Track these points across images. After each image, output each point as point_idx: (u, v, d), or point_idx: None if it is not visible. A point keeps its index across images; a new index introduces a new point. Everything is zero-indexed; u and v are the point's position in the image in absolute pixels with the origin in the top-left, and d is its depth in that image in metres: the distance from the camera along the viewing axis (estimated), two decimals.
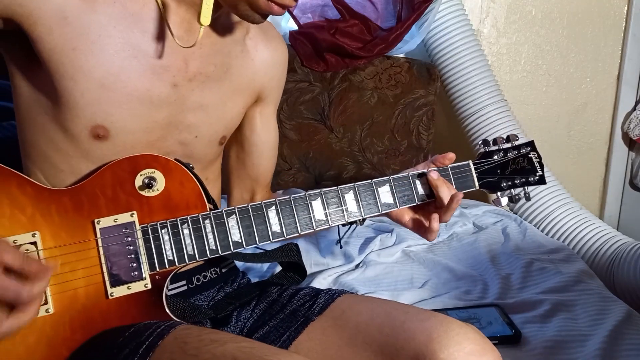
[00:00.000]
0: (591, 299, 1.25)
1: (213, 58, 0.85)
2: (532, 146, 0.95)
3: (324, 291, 0.88)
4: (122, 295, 0.75)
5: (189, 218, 0.78)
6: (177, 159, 0.80)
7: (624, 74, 2.20)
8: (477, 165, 0.92)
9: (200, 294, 0.91)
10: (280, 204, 0.82)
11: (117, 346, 0.70)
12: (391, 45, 1.86)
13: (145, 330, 0.70)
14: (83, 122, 0.77)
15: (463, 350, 0.71)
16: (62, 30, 0.74)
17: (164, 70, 0.80)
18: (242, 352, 0.63)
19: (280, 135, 1.87)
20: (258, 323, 0.88)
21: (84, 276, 0.74)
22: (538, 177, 0.95)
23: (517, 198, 0.94)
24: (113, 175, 0.77)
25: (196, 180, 0.80)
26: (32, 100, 0.79)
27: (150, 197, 0.77)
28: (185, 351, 0.65)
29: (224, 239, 0.79)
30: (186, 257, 0.77)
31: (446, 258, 1.49)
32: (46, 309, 0.72)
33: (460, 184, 0.91)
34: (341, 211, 0.85)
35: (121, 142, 0.79)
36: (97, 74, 0.76)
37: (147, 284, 0.76)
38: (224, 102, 0.88)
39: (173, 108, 0.82)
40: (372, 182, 0.87)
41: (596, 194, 2.36)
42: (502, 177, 0.93)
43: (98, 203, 0.76)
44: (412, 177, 0.89)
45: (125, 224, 0.76)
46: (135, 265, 0.75)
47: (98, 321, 0.74)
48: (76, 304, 0.74)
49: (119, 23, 0.76)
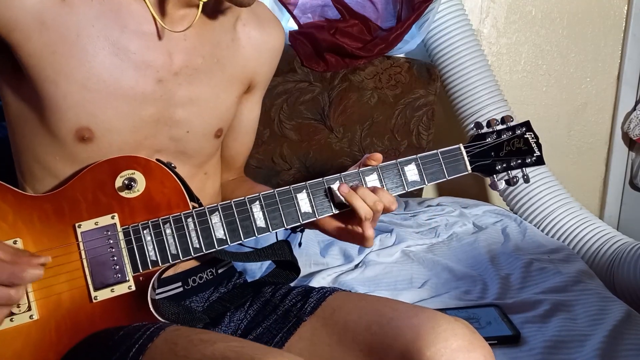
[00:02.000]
0: (591, 299, 1.24)
1: (200, 50, 0.83)
2: (527, 126, 0.90)
3: (316, 290, 0.87)
4: (106, 299, 0.74)
5: (170, 217, 0.77)
6: (158, 159, 0.79)
7: (624, 74, 2.20)
8: (468, 149, 0.88)
9: (196, 295, 0.90)
10: (264, 199, 0.80)
11: (107, 349, 0.69)
12: (391, 45, 1.86)
13: (134, 333, 0.70)
14: (67, 125, 0.76)
15: (450, 347, 0.69)
16: (41, 35, 0.73)
17: (147, 66, 0.78)
18: (232, 352, 0.62)
19: (280, 135, 1.87)
20: (252, 324, 0.87)
21: (67, 280, 0.73)
22: (536, 158, 0.89)
23: (515, 180, 0.89)
24: (93, 178, 0.76)
25: (177, 179, 0.78)
26: (19, 107, 0.79)
27: (131, 199, 0.76)
28: (176, 352, 0.65)
29: (207, 236, 0.78)
30: (169, 256, 0.76)
31: (446, 258, 1.49)
32: (30, 315, 0.72)
33: (451, 169, 0.86)
34: (328, 202, 0.82)
35: (107, 143, 0.78)
36: (79, 75, 0.75)
37: (131, 286, 0.75)
38: (216, 94, 0.86)
39: (160, 104, 0.81)
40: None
41: (596, 194, 2.35)
42: (497, 160, 0.88)
43: (79, 207, 0.75)
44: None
45: (107, 226, 0.75)
46: (118, 268, 0.75)
47: (84, 325, 0.74)
48: (61, 308, 0.73)
49: (97, 22, 0.75)
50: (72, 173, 0.79)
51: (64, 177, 0.79)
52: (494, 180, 0.89)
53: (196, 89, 0.84)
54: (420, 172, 0.85)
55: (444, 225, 1.72)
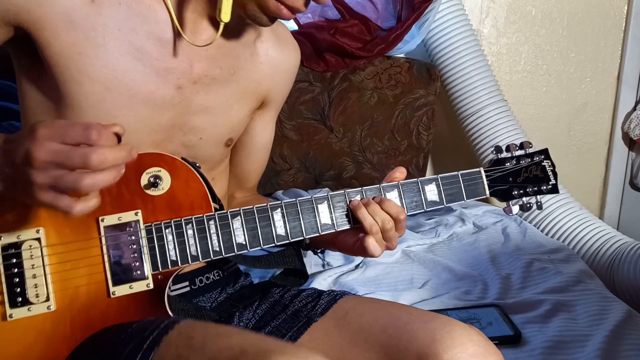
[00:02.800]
0: (591, 299, 1.25)
1: (220, 60, 0.85)
2: (545, 154, 0.92)
3: (327, 292, 0.88)
4: (123, 295, 0.75)
5: (193, 218, 0.77)
6: (183, 158, 0.80)
7: (624, 74, 2.20)
8: (488, 173, 0.89)
9: (203, 295, 0.91)
10: (286, 207, 0.81)
11: (120, 342, 0.69)
12: (391, 45, 1.86)
13: (148, 326, 0.70)
14: None
15: (466, 351, 0.71)
16: (69, 34, 0.74)
17: (168, 73, 0.80)
18: (250, 344, 0.62)
19: (280, 135, 1.87)
20: (260, 323, 0.87)
21: (86, 274, 0.74)
22: (551, 186, 0.91)
23: (529, 207, 0.91)
24: None
25: (202, 180, 0.79)
26: (37, 102, 0.79)
27: (155, 196, 0.77)
28: (191, 345, 0.65)
29: (227, 240, 0.78)
30: (189, 257, 0.77)
31: (446, 258, 1.49)
32: (47, 305, 0.72)
33: (470, 191, 0.88)
34: (346, 215, 0.83)
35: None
36: (102, 76, 0.76)
37: (149, 284, 0.75)
38: (230, 105, 0.88)
39: (177, 110, 0.82)
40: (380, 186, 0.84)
41: (596, 194, 2.36)
42: (514, 185, 0.90)
43: (103, 201, 0.74)
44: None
45: (129, 222, 0.75)
46: (137, 265, 0.75)
47: (98, 320, 0.74)
48: (77, 302, 0.73)
49: (124, 25, 0.76)
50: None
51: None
52: (510, 206, 0.91)
53: (212, 98, 0.85)
54: (440, 192, 0.86)
55: (444, 225, 1.72)
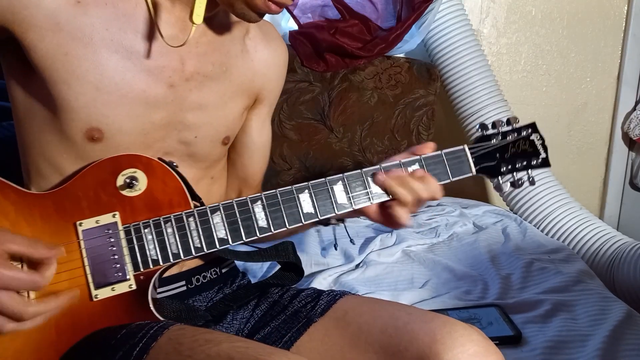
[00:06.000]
0: (591, 299, 1.25)
1: (210, 57, 0.84)
2: (533, 128, 0.89)
3: (326, 292, 0.87)
4: (106, 297, 0.74)
5: (172, 216, 0.77)
6: (160, 158, 0.79)
7: (624, 74, 2.20)
8: (472, 150, 0.86)
9: (199, 294, 0.90)
10: (266, 198, 0.79)
11: (110, 348, 0.69)
12: (391, 45, 1.86)
13: (138, 332, 0.70)
14: (78, 124, 0.77)
15: (467, 352, 0.71)
16: (55, 35, 0.73)
17: (160, 71, 0.79)
18: (237, 352, 0.63)
19: (280, 135, 1.87)
20: (259, 324, 0.87)
21: (67, 278, 0.73)
22: (541, 160, 0.88)
23: (520, 183, 0.88)
24: (95, 176, 0.76)
25: (179, 179, 0.78)
26: (28, 105, 0.79)
27: (132, 197, 0.76)
28: (180, 352, 0.65)
29: (208, 236, 0.77)
30: (171, 256, 0.76)
31: (446, 258, 1.49)
32: None
33: (455, 170, 0.85)
34: (330, 204, 0.81)
35: (116, 144, 0.78)
36: (91, 77, 0.75)
37: (132, 285, 0.75)
38: (224, 102, 0.87)
39: (170, 108, 0.82)
40: (362, 171, 0.82)
41: (596, 194, 2.36)
42: (502, 162, 0.87)
43: (80, 205, 0.75)
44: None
45: (108, 224, 0.75)
46: (118, 266, 0.75)
47: (84, 323, 0.74)
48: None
49: (111, 25, 0.76)
50: (77, 170, 0.79)
51: (67, 174, 0.79)
52: (499, 183, 0.88)
53: (206, 95, 0.84)
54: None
55: (445, 225, 1.72)
